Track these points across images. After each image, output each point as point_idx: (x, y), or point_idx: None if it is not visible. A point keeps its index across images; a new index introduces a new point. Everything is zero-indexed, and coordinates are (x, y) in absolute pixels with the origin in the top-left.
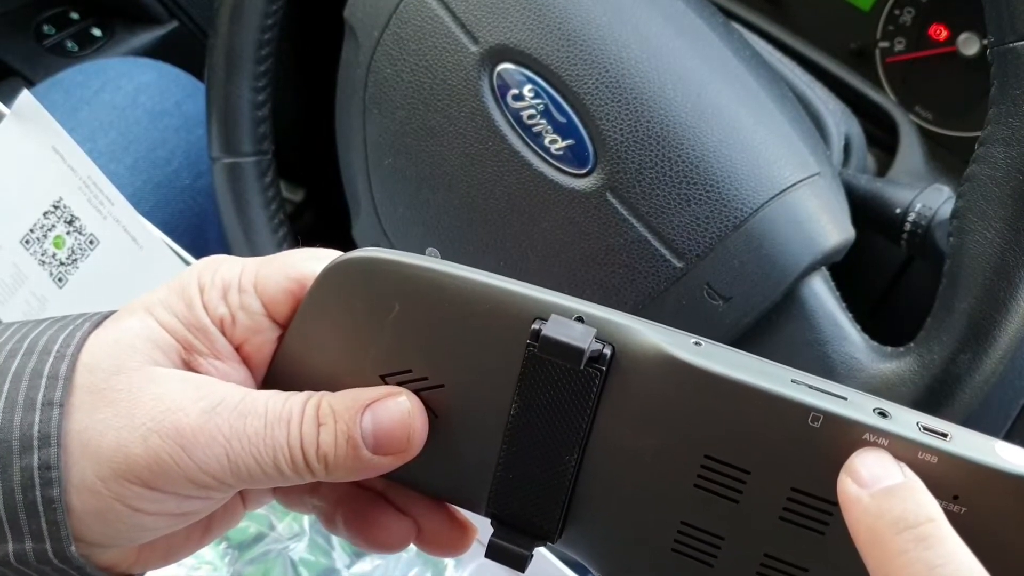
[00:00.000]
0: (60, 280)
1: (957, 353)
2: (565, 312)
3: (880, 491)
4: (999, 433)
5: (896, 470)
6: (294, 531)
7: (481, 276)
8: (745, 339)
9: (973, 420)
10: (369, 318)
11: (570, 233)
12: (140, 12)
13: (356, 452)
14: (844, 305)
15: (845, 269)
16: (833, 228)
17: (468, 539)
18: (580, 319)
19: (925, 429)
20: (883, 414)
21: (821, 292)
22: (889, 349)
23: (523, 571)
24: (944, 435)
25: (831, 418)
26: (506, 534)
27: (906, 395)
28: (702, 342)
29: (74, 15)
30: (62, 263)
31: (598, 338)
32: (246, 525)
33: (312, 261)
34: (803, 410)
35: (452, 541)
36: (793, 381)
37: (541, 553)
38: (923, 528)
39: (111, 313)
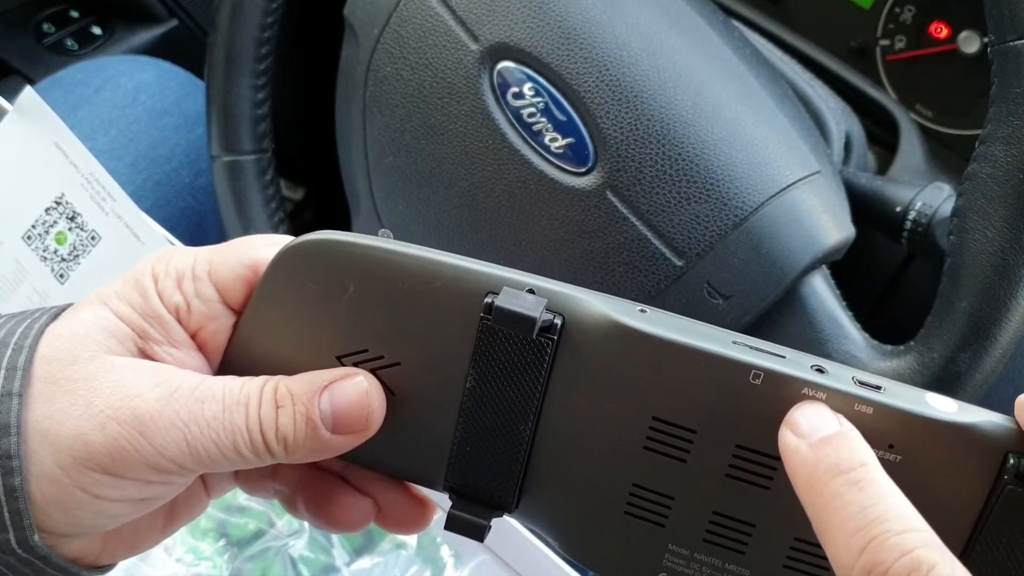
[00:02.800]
0: (62, 276)
1: (957, 351)
2: (516, 285)
3: (817, 440)
4: None
5: (833, 420)
6: (294, 528)
7: (433, 254)
8: None
9: None
10: (323, 300)
11: (570, 232)
12: (140, 10)
13: (315, 432)
14: (844, 303)
15: (845, 267)
16: (833, 226)
17: (427, 516)
18: (531, 291)
19: (860, 383)
20: (820, 370)
21: (821, 290)
22: (889, 347)
23: (482, 541)
24: (878, 387)
25: (771, 375)
26: (464, 506)
27: None
28: (647, 309)
29: (74, 13)
30: (64, 259)
31: (548, 308)
32: (245, 522)
33: (265, 247)
34: (744, 368)
35: (412, 518)
36: (734, 342)
37: (542, 551)
38: (856, 472)
39: (68, 306)
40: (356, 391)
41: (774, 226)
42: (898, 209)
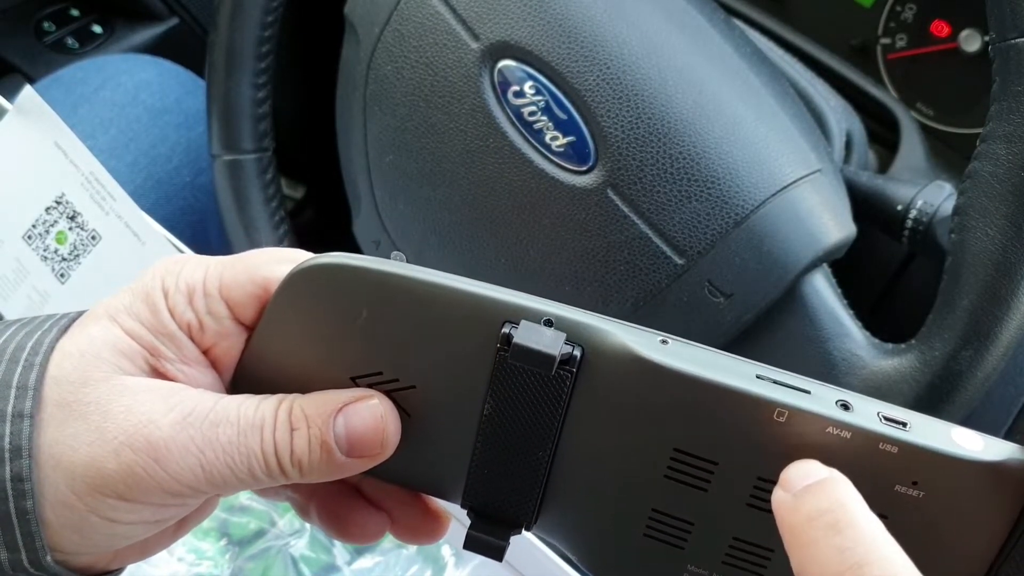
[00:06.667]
0: (62, 276)
1: (959, 350)
2: (534, 315)
3: (802, 489)
4: (1000, 430)
5: (822, 470)
6: (295, 527)
7: (448, 280)
8: (746, 336)
9: (974, 417)
10: (337, 323)
11: (571, 230)
12: (140, 9)
13: (330, 456)
14: (845, 302)
15: (846, 266)
16: (834, 225)
17: (442, 528)
18: (549, 322)
19: (885, 419)
20: (846, 406)
21: (822, 289)
22: (891, 346)
23: (500, 560)
24: (903, 424)
25: (795, 413)
26: (482, 526)
27: (907, 392)
28: (669, 340)
29: (74, 12)
30: (64, 259)
31: (568, 340)
32: (247, 521)
33: (276, 265)
34: (768, 406)
35: (426, 531)
36: (758, 377)
37: (543, 551)
38: (833, 514)
39: (78, 316)
40: (371, 415)
41: (775, 224)
42: (899, 207)
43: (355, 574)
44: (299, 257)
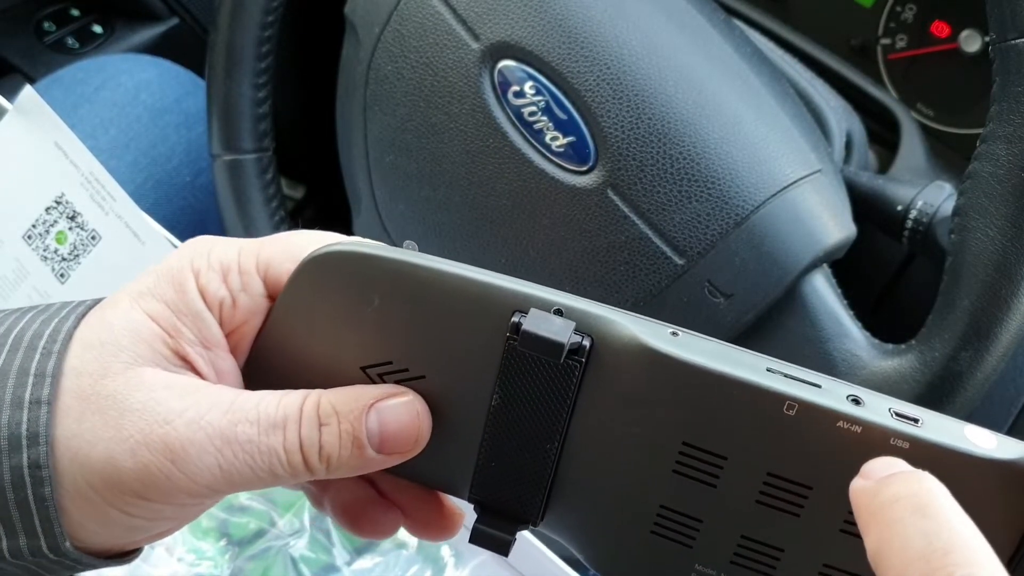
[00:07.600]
0: (62, 276)
1: (959, 350)
2: (544, 305)
3: (885, 476)
4: (1001, 430)
5: (906, 464)
6: (295, 528)
7: (459, 269)
8: (746, 336)
9: (975, 417)
10: (348, 311)
11: (571, 230)
12: (141, 9)
13: (361, 452)
14: (846, 302)
15: (846, 266)
16: (834, 225)
17: (455, 525)
18: (559, 311)
19: (897, 415)
20: (857, 401)
21: (822, 289)
22: (891, 346)
23: (506, 555)
24: (915, 420)
25: (806, 406)
26: (489, 520)
27: (907, 392)
28: (679, 332)
29: (75, 12)
30: (64, 259)
31: (577, 330)
32: (247, 521)
33: (316, 245)
34: (778, 399)
35: (439, 527)
36: (768, 370)
37: (543, 551)
38: (921, 497)
39: (95, 303)
40: (407, 412)
41: (775, 225)
42: (899, 208)
43: (355, 574)
44: (337, 239)
